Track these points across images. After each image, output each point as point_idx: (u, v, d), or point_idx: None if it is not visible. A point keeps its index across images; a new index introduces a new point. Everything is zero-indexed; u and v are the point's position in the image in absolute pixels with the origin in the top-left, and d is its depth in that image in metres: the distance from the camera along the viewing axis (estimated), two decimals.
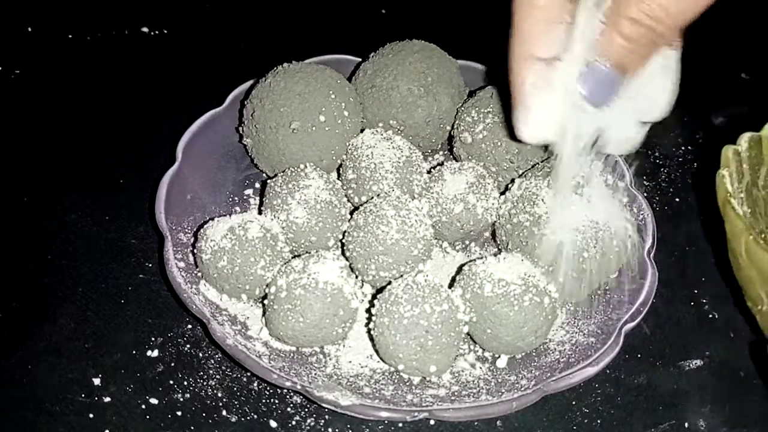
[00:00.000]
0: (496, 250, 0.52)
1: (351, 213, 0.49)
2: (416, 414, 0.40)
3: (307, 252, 0.47)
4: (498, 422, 0.44)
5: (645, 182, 0.60)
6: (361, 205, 0.48)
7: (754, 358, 0.48)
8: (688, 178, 0.60)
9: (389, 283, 0.45)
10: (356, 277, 0.47)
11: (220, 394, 0.44)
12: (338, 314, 0.43)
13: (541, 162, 0.49)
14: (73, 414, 0.43)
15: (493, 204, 0.50)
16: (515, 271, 0.44)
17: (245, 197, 0.54)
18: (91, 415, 0.43)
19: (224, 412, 0.43)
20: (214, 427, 0.43)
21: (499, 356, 0.46)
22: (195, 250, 0.47)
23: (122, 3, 0.71)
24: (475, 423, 0.44)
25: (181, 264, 0.46)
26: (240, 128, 0.54)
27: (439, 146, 0.57)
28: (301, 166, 0.49)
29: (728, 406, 0.46)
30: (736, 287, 0.52)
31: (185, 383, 0.45)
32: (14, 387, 0.44)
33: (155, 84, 0.64)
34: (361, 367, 0.45)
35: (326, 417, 0.44)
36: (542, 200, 0.46)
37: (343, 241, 0.48)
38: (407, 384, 0.44)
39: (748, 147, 0.49)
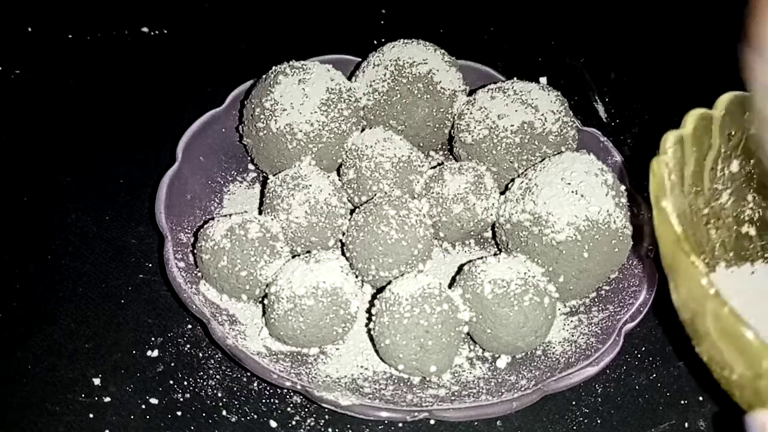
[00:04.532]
0: (496, 250, 0.52)
1: (351, 213, 0.49)
2: (416, 414, 0.41)
3: (307, 252, 0.47)
4: (498, 422, 0.44)
5: (645, 182, 0.60)
6: (361, 205, 0.48)
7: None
8: None
9: (389, 283, 0.45)
10: (356, 277, 0.47)
11: (220, 394, 0.44)
12: (338, 314, 0.43)
13: (541, 162, 0.49)
14: (73, 414, 0.43)
15: (493, 204, 0.50)
16: (515, 271, 0.44)
17: (245, 197, 0.54)
18: (91, 415, 0.43)
19: (224, 412, 0.43)
20: (214, 427, 0.43)
21: (499, 356, 0.46)
22: (195, 250, 0.47)
23: (122, 3, 0.71)
24: (475, 423, 0.44)
25: (181, 264, 0.46)
26: (240, 128, 0.54)
27: (439, 146, 0.57)
28: (301, 165, 0.49)
29: (728, 406, 0.46)
30: None
31: (185, 383, 0.45)
32: (14, 387, 0.44)
33: (155, 84, 0.64)
34: (361, 367, 0.45)
35: (326, 417, 0.44)
36: (543, 201, 0.46)
37: (343, 241, 0.48)
38: (407, 384, 0.44)
39: (674, 151, 0.40)
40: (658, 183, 0.37)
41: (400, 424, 0.44)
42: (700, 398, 0.46)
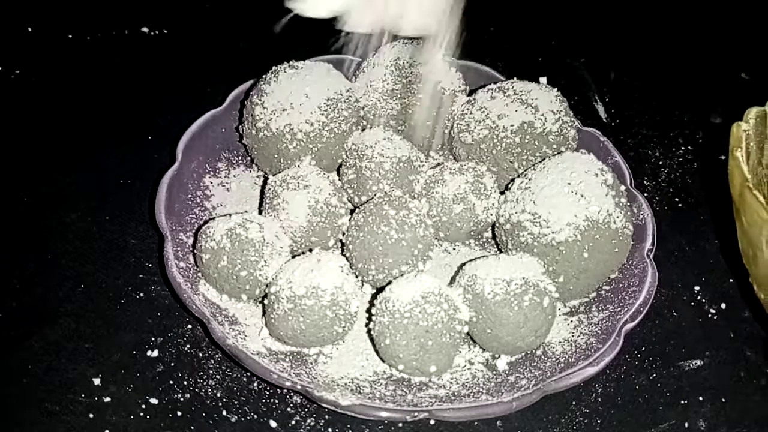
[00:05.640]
0: (496, 250, 0.52)
1: (351, 213, 0.49)
2: (416, 414, 0.40)
3: (307, 252, 0.47)
4: (498, 422, 0.44)
5: (645, 182, 0.60)
6: (361, 205, 0.48)
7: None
8: (688, 178, 0.60)
9: (389, 283, 0.45)
10: (356, 277, 0.47)
11: (220, 394, 0.44)
12: (338, 314, 0.43)
13: (541, 162, 0.49)
14: (73, 414, 0.43)
15: (493, 204, 0.50)
16: (515, 271, 0.44)
17: (246, 197, 0.54)
18: (91, 415, 0.43)
19: (224, 412, 0.43)
20: (214, 427, 0.43)
21: (499, 356, 0.46)
22: (195, 250, 0.47)
23: (122, 3, 0.71)
24: (475, 423, 0.44)
25: (181, 264, 0.46)
26: (240, 128, 0.54)
27: (439, 146, 0.57)
28: (302, 165, 0.49)
29: (728, 406, 0.46)
30: (736, 286, 0.52)
31: (185, 383, 0.45)
32: (14, 387, 0.44)
33: (155, 84, 0.64)
34: (361, 367, 0.45)
35: (326, 417, 0.44)
36: (543, 201, 0.46)
37: (343, 241, 0.48)
38: (407, 384, 0.44)
39: (755, 123, 0.46)
40: (735, 138, 0.45)
41: (400, 424, 0.44)
42: (700, 398, 0.46)
